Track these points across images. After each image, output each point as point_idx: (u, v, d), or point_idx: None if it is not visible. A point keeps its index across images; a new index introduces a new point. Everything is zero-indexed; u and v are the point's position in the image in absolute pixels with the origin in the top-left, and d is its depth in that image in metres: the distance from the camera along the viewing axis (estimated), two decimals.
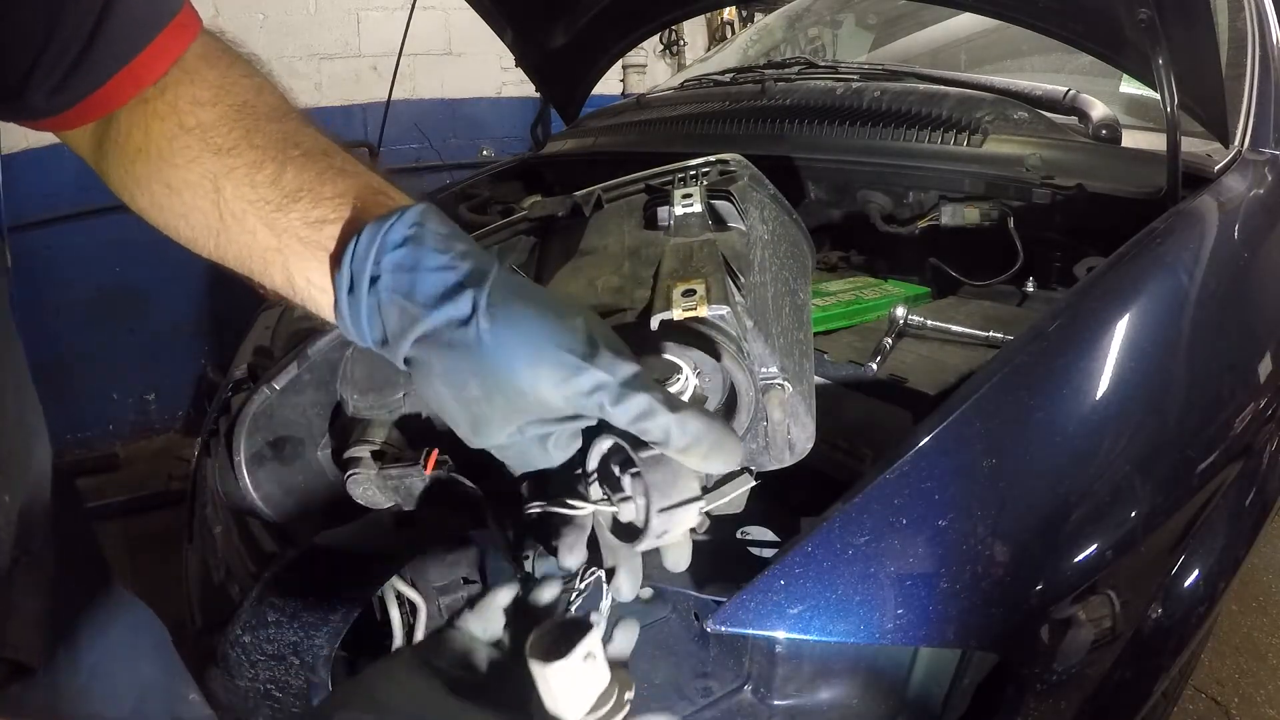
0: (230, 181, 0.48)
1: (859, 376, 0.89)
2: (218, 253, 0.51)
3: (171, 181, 0.49)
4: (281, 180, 0.47)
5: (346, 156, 0.50)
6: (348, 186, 0.48)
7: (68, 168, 2.72)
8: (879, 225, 1.35)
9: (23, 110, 0.48)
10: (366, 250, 0.44)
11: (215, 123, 0.48)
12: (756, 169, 0.94)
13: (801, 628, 0.66)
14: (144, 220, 0.53)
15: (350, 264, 0.45)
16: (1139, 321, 0.85)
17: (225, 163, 0.48)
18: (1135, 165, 1.09)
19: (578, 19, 1.73)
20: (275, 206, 0.47)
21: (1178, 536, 0.83)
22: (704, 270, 0.66)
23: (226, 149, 0.48)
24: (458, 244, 0.45)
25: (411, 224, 0.44)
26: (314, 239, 0.47)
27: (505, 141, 3.53)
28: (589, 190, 0.96)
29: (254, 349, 1.24)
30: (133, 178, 0.51)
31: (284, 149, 0.48)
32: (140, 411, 3.08)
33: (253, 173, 0.48)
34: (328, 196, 0.47)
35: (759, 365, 0.66)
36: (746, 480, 0.80)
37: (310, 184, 0.47)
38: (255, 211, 0.48)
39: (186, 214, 0.50)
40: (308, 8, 3.09)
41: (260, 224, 0.48)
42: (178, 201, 0.50)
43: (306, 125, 0.51)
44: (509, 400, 0.44)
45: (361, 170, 0.50)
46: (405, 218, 0.44)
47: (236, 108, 0.49)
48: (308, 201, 0.47)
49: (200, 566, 1.05)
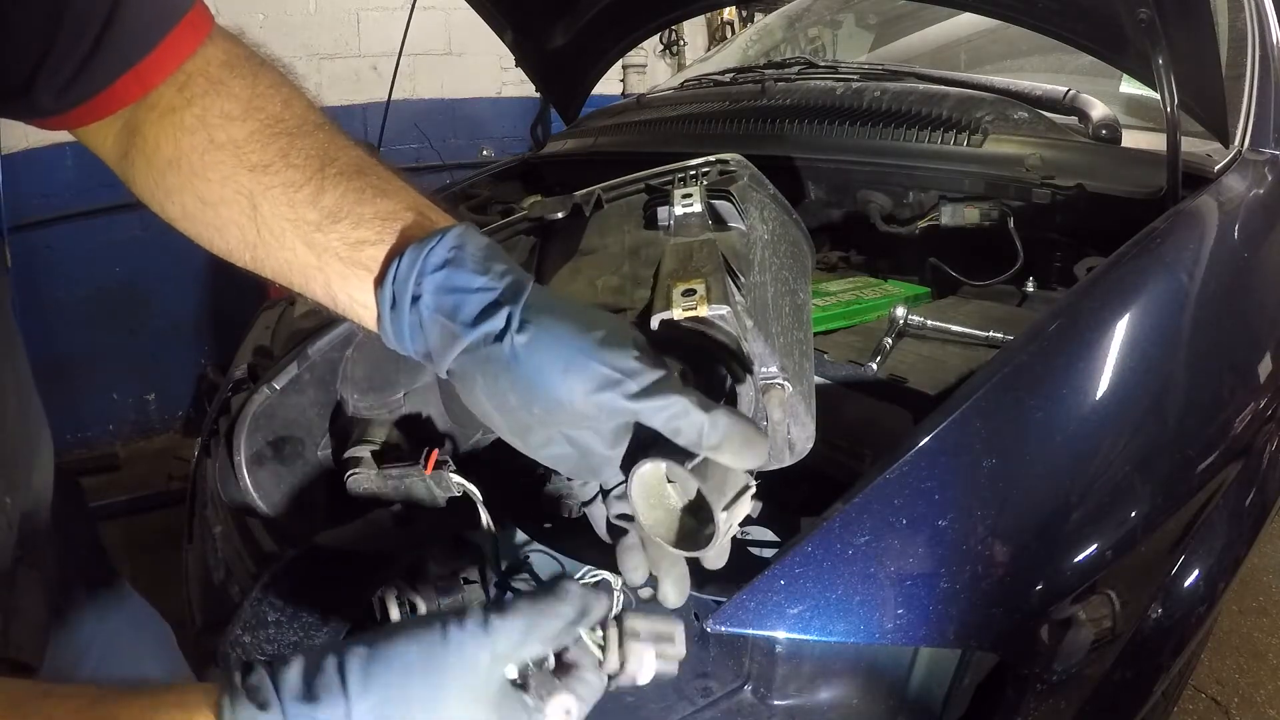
0: (267, 200, 0.48)
1: (859, 376, 0.89)
2: (254, 265, 0.51)
3: (205, 196, 0.50)
4: (321, 201, 0.48)
5: (382, 171, 0.51)
6: (388, 208, 0.48)
7: (68, 168, 2.73)
8: (879, 225, 1.35)
9: (31, 108, 0.48)
10: (408, 272, 0.46)
11: (247, 139, 0.49)
12: (756, 169, 0.94)
13: (801, 628, 0.66)
14: (174, 228, 0.53)
15: (393, 285, 0.46)
16: (1139, 321, 0.85)
17: (261, 180, 0.48)
18: (1135, 165, 1.09)
19: (578, 19, 1.73)
20: (315, 227, 0.48)
21: (1178, 536, 0.83)
22: (704, 270, 0.66)
23: (262, 166, 0.48)
24: (496, 264, 0.46)
25: (451, 247, 0.46)
26: (355, 259, 0.48)
27: (505, 141, 3.53)
28: (589, 190, 0.96)
29: (254, 349, 1.24)
30: (163, 189, 0.51)
31: (321, 167, 0.49)
32: (140, 411, 3.08)
33: (291, 192, 0.48)
34: (368, 218, 0.48)
35: (759, 365, 0.66)
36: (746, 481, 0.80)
37: (350, 205, 0.48)
38: (294, 230, 0.48)
39: (222, 228, 0.51)
40: (308, 7, 3.09)
41: (300, 243, 0.49)
42: (212, 215, 0.50)
43: (339, 137, 0.51)
44: (547, 410, 0.45)
45: (399, 186, 0.50)
46: (446, 240, 0.46)
47: (268, 123, 0.49)
48: (348, 223, 0.48)
49: (200, 566, 1.05)
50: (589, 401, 0.44)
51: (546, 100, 1.93)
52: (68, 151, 2.69)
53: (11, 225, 2.59)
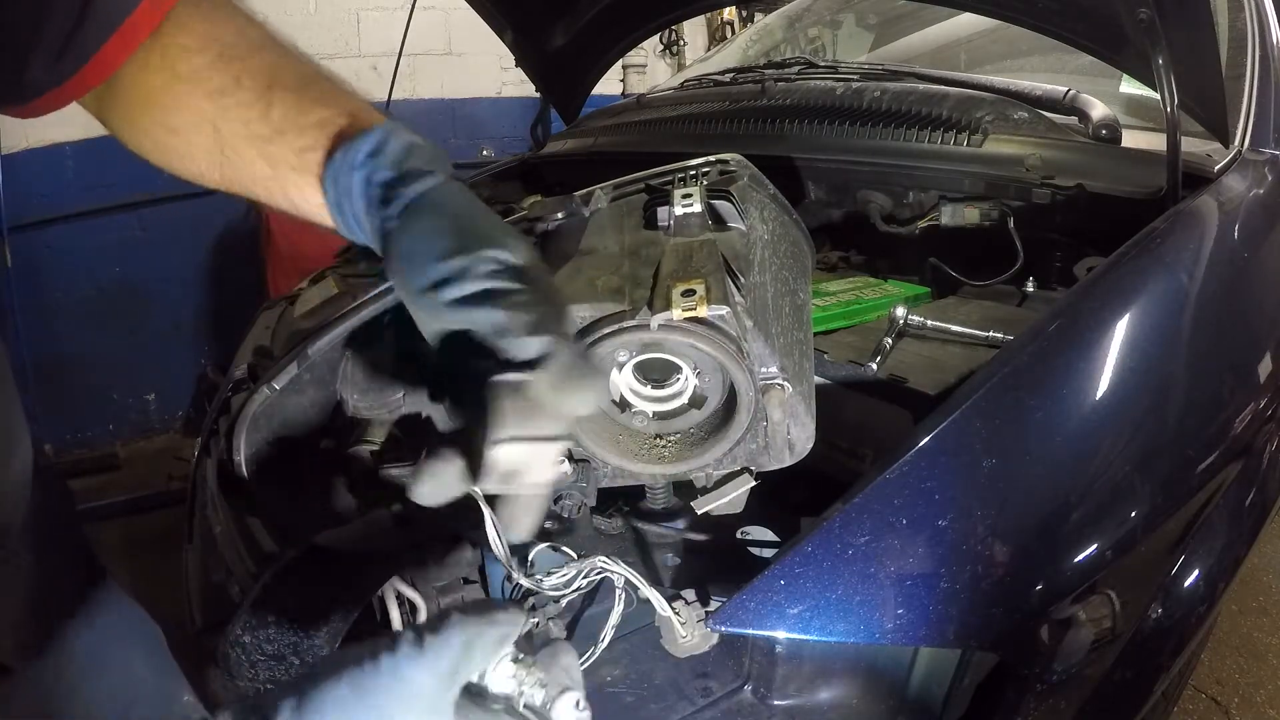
0: (226, 122, 0.53)
1: (859, 376, 0.89)
2: (225, 184, 0.56)
3: (173, 125, 0.54)
4: (270, 116, 0.52)
5: (324, 83, 0.55)
6: (325, 115, 0.52)
7: (68, 168, 2.73)
8: (879, 225, 1.35)
9: (26, 88, 0.50)
10: (338, 171, 0.50)
11: (206, 68, 0.53)
12: (756, 169, 0.94)
13: (801, 628, 0.66)
14: (147, 162, 0.57)
15: (331, 184, 0.51)
16: (1139, 321, 0.85)
17: (219, 104, 0.52)
18: (1135, 165, 1.09)
19: (578, 19, 1.73)
20: (267, 140, 0.52)
21: (1178, 536, 0.83)
22: (704, 270, 0.66)
23: (219, 91, 0.52)
24: (411, 158, 0.50)
25: (375, 143, 0.50)
26: (302, 165, 0.52)
27: (505, 141, 3.53)
28: (589, 190, 0.96)
29: (254, 349, 1.24)
30: (138, 127, 0.55)
31: (270, 85, 0.53)
32: (140, 411, 3.09)
33: (244, 111, 0.52)
34: (309, 127, 0.52)
35: (759, 365, 0.66)
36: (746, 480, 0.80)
37: (294, 117, 0.52)
38: (251, 146, 0.53)
39: (190, 153, 0.55)
40: (308, 8, 3.09)
41: (258, 157, 0.53)
42: (181, 142, 0.54)
43: (286, 55, 0.55)
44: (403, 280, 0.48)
45: (336, 94, 0.54)
46: (370, 138, 0.50)
47: (223, 51, 0.53)
48: (293, 133, 0.52)
49: (200, 566, 1.05)
50: (414, 303, 0.47)
51: (546, 100, 1.93)
52: (68, 151, 2.70)
53: (11, 225, 2.59)
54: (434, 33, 3.30)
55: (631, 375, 0.70)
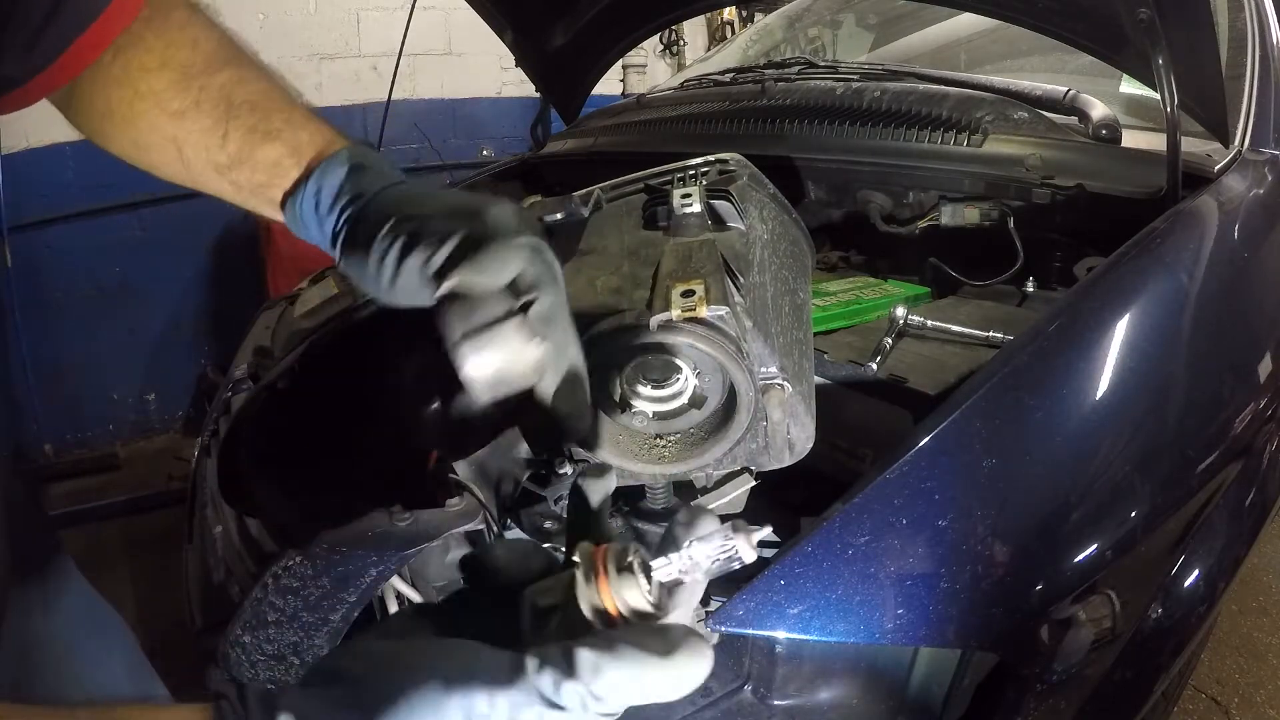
0: (189, 145, 0.55)
1: (859, 376, 0.89)
2: (199, 191, 0.58)
3: (138, 141, 0.56)
4: (227, 146, 0.54)
5: (276, 113, 0.55)
6: (274, 155, 0.54)
7: (68, 168, 2.73)
8: (879, 225, 1.35)
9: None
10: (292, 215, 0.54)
11: (166, 88, 0.54)
12: (755, 168, 0.94)
13: (801, 628, 0.66)
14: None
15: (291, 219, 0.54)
16: (1139, 321, 0.85)
17: (181, 126, 0.54)
18: (1135, 165, 1.08)
19: (578, 19, 1.73)
20: (227, 168, 0.55)
21: (1178, 536, 0.83)
22: (703, 271, 0.66)
23: (179, 113, 0.54)
24: (340, 199, 0.52)
25: (314, 191, 0.53)
26: (263, 195, 0.55)
27: (505, 141, 3.53)
28: (588, 190, 0.96)
29: (254, 349, 1.24)
30: (103, 135, 0.57)
31: (227, 112, 0.54)
32: (140, 411, 3.08)
33: (204, 137, 0.54)
34: (262, 165, 0.54)
35: (758, 365, 0.66)
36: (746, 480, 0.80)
37: (249, 150, 0.54)
38: (214, 171, 0.55)
39: (159, 166, 0.57)
40: (308, 8, 3.09)
41: (222, 181, 0.55)
42: (148, 157, 0.56)
43: (242, 71, 0.56)
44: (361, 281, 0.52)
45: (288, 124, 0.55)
46: (309, 187, 0.53)
47: (181, 70, 0.54)
48: (249, 167, 0.54)
49: (200, 566, 1.05)
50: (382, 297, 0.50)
51: (546, 100, 1.93)
52: (67, 151, 2.69)
53: (11, 225, 2.59)
54: (434, 33, 3.29)
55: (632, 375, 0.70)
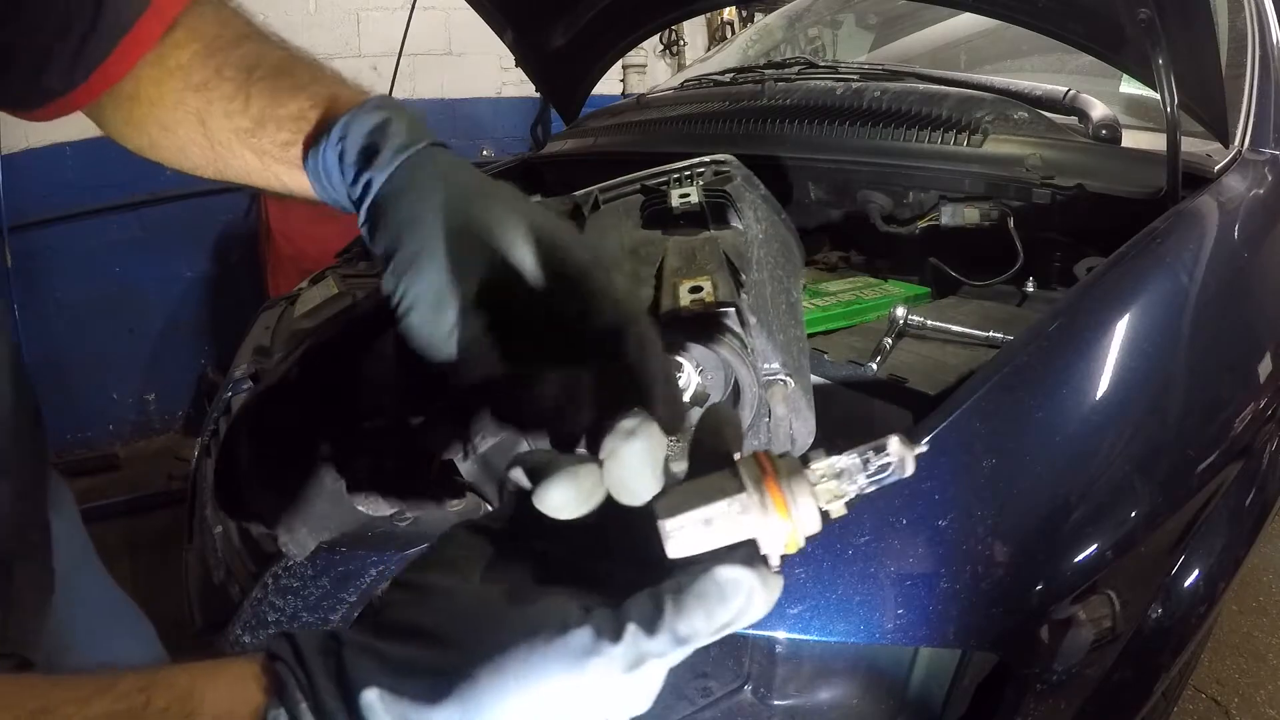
0: (212, 116, 0.53)
1: (859, 376, 0.89)
2: (220, 175, 0.56)
3: (165, 122, 0.55)
4: (250, 109, 0.53)
5: (300, 71, 0.54)
6: (298, 108, 0.52)
7: (68, 168, 2.73)
8: (879, 225, 1.35)
9: (41, 94, 0.51)
10: (315, 170, 0.51)
11: (191, 61, 0.53)
12: (749, 170, 0.94)
13: (801, 628, 0.66)
14: (147, 161, 0.58)
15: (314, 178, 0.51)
16: (1139, 321, 0.85)
17: (204, 97, 0.53)
18: (1135, 165, 1.08)
19: (578, 19, 1.73)
20: (250, 133, 0.53)
21: (1178, 536, 0.83)
22: (708, 268, 0.66)
23: (203, 85, 0.53)
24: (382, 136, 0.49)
25: (338, 139, 0.50)
26: (286, 158, 0.53)
27: (505, 141, 3.53)
28: (587, 191, 0.96)
29: (254, 349, 1.24)
30: (131, 124, 0.56)
31: (249, 77, 0.53)
32: (140, 411, 3.08)
33: (227, 104, 0.53)
34: (286, 120, 0.52)
35: (762, 361, 0.66)
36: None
37: (272, 110, 0.53)
38: (238, 139, 0.53)
39: (184, 148, 0.55)
40: (308, 8, 3.09)
41: (245, 150, 0.54)
42: (173, 138, 0.55)
43: (265, 43, 0.55)
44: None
45: (313, 81, 0.54)
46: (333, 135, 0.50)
47: (207, 44, 0.54)
48: (273, 126, 0.52)
49: (200, 566, 1.05)
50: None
51: (546, 100, 1.93)
52: (68, 151, 2.70)
53: (11, 225, 2.59)
54: (434, 33, 3.29)
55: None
